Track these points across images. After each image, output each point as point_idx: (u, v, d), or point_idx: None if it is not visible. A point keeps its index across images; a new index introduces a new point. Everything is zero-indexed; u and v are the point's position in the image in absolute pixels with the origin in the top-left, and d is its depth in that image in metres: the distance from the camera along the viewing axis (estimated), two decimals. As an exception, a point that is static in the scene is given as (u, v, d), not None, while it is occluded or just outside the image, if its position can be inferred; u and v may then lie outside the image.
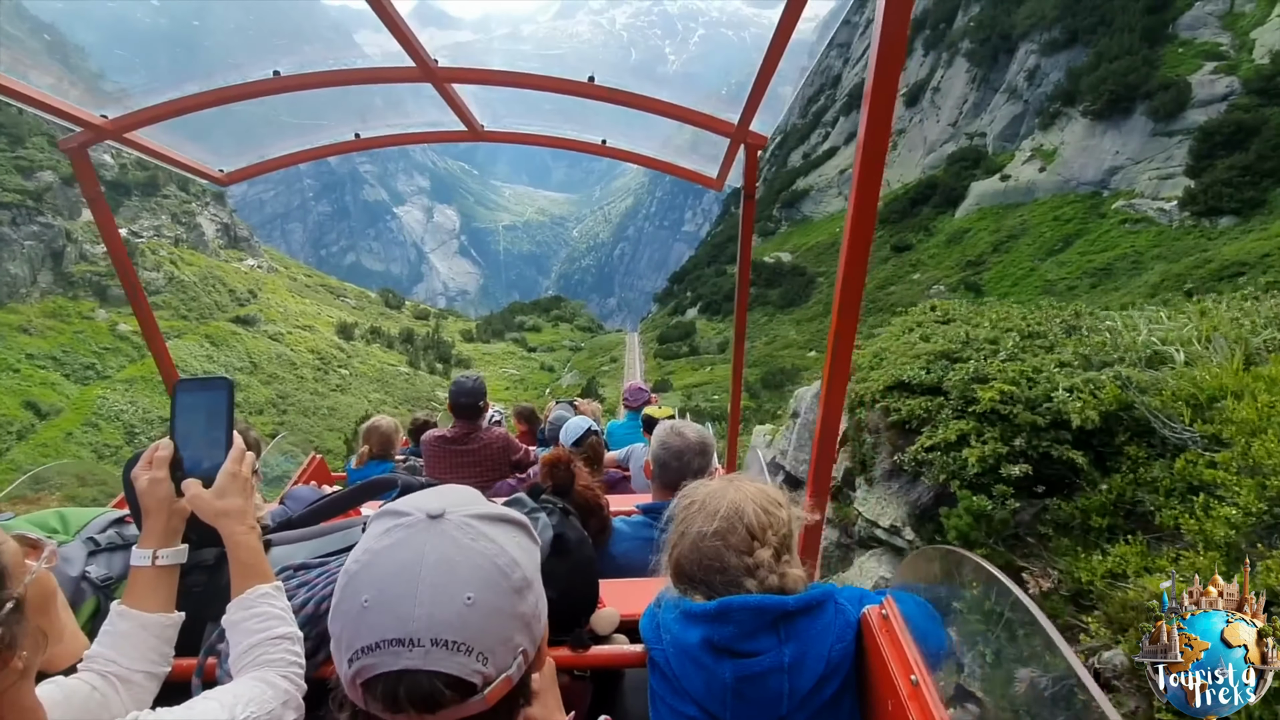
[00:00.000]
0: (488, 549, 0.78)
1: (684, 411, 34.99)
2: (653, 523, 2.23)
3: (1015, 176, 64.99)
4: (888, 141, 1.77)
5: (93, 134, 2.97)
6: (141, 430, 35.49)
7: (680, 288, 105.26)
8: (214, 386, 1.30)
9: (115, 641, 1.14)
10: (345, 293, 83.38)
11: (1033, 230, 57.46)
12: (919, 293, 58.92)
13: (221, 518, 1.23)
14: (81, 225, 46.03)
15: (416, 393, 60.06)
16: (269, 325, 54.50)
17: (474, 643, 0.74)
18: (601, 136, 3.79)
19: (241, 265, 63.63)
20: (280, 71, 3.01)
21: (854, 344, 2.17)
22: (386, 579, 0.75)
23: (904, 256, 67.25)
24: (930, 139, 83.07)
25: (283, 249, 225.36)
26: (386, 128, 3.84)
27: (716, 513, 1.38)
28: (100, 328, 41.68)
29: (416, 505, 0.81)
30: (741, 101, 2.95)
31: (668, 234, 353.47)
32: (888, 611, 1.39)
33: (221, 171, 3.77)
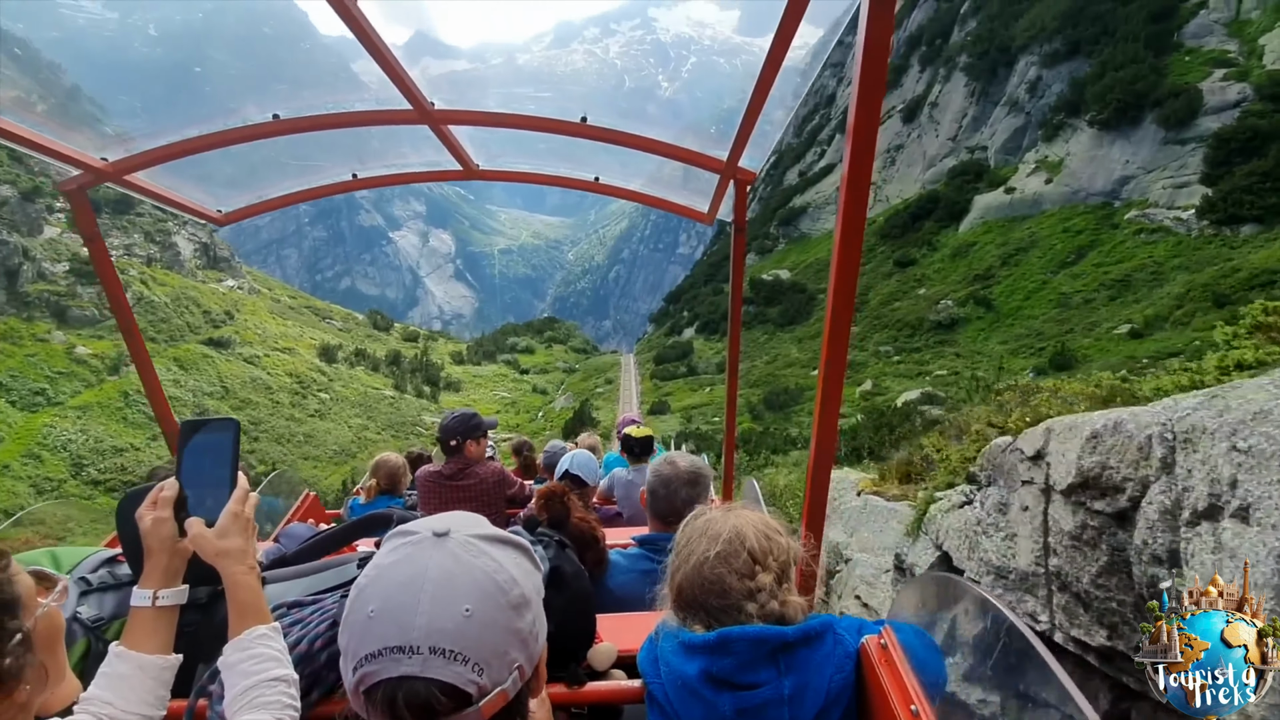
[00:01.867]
0: (487, 565, 0.82)
1: (683, 435, 32.40)
2: (650, 555, 2.23)
3: (1020, 189, 63.29)
4: (870, 174, 1.74)
5: (92, 176, 3.00)
6: (90, 461, 32.54)
7: (676, 307, 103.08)
8: (220, 428, 1.31)
9: (112, 683, 1.13)
10: (331, 314, 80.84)
11: (1042, 242, 55.48)
12: (925, 307, 56.70)
13: (222, 557, 1.22)
14: (42, 243, 43.59)
15: (401, 418, 57.23)
16: (244, 348, 51.75)
17: (470, 653, 0.77)
18: (594, 173, 3.84)
19: (220, 286, 61.09)
20: (280, 115, 3.06)
21: (845, 372, 2.06)
22: (391, 591, 0.79)
23: (908, 271, 65.18)
24: (930, 154, 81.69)
25: (278, 274, 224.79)
26: (384, 167, 3.87)
27: (718, 536, 1.38)
28: (55, 350, 38.88)
29: (424, 525, 0.86)
30: (730, 138, 3.01)
31: (662, 257, 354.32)
32: (886, 641, 1.39)
33: (219, 212, 3.76)
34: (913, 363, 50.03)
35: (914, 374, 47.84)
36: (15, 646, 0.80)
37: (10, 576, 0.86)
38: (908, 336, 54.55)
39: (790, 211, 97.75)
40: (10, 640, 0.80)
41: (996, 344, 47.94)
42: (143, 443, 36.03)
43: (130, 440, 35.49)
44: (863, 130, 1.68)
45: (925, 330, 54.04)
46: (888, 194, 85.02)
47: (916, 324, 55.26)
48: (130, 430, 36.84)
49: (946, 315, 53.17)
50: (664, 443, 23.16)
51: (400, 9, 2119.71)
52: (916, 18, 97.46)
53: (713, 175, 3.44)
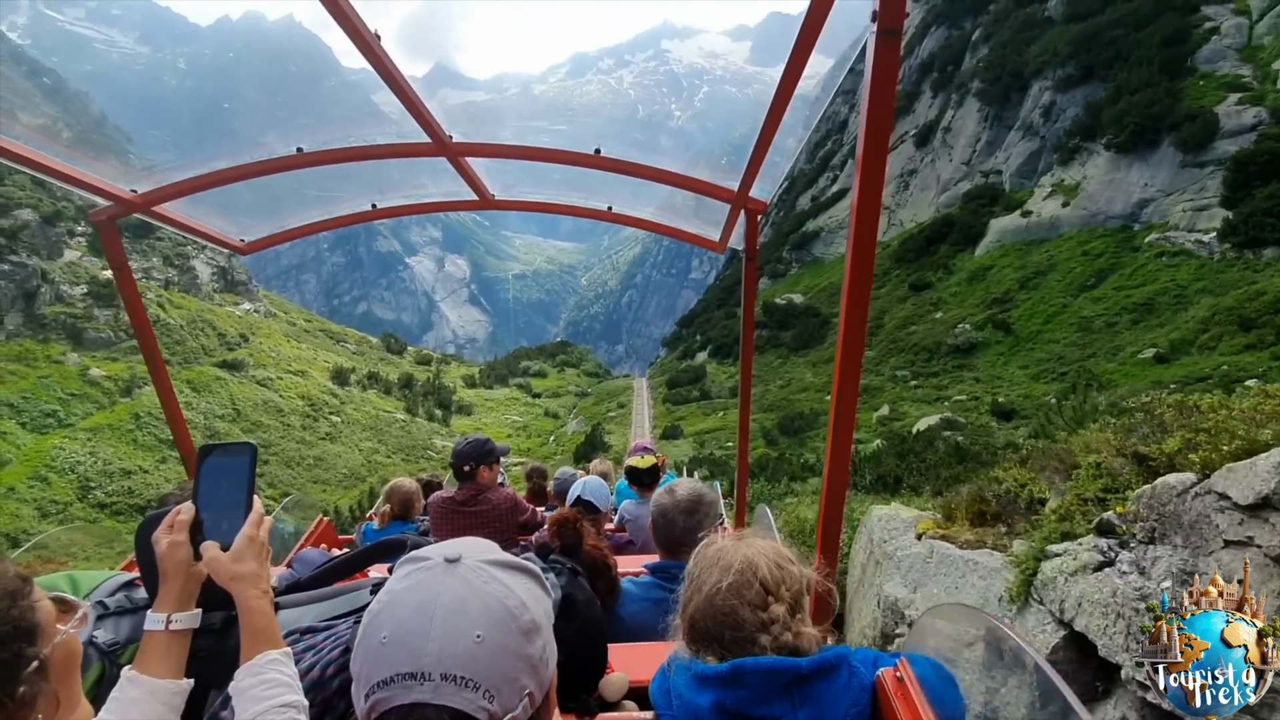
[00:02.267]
0: (499, 591, 0.82)
1: (697, 460, 31.64)
2: (662, 583, 2.22)
3: (1037, 212, 62.76)
4: (880, 200, 1.78)
5: (122, 208, 3.10)
6: (98, 484, 32.32)
7: (689, 331, 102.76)
8: (237, 451, 1.32)
9: (123, 709, 1.13)
10: (345, 338, 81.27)
11: (1061, 266, 54.73)
12: (942, 331, 55.91)
13: (236, 581, 1.22)
14: (61, 266, 44.15)
15: (412, 441, 56.93)
16: (257, 370, 51.86)
17: (481, 679, 0.77)
18: (607, 203, 3.90)
19: (236, 309, 61.64)
20: (304, 148, 3.14)
21: (857, 402, 2.05)
22: (403, 617, 0.80)
23: (923, 295, 64.52)
24: (943, 178, 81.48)
25: (297, 299, 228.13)
26: (402, 198, 3.94)
27: (730, 567, 1.37)
28: (69, 372, 39.04)
29: (436, 551, 0.87)
30: (741, 168, 3.05)
31: (675, 282, 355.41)
32: (902, 674, 1.37)
33: (242, 241, 3.86)
34: (930, 387, 49.11)
35: (932, 399, 46.92)
36: (31, 674, 0.80)
37: (32, 603, 0.86)
38: (925, 360, 53.68)
39: (803, 236, 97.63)
40: (26, 668, 0.80)
41: (1016, 368, 46.99)
42: (151, 465, 35.90)
43: (139, 463, 35.36)
44: (872, 158, 1.69)
45: (943, 354, 53.18)
46: (901, 218, 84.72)
47: (933, 348, 54.42)
48: (140, 452, 36.75)
49: (964, 339, 52.34)
50: (677, 468, 22.44)
51: (421, 43, 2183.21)
52: (928, 45, 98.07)
53: (724, 204, 3.49)
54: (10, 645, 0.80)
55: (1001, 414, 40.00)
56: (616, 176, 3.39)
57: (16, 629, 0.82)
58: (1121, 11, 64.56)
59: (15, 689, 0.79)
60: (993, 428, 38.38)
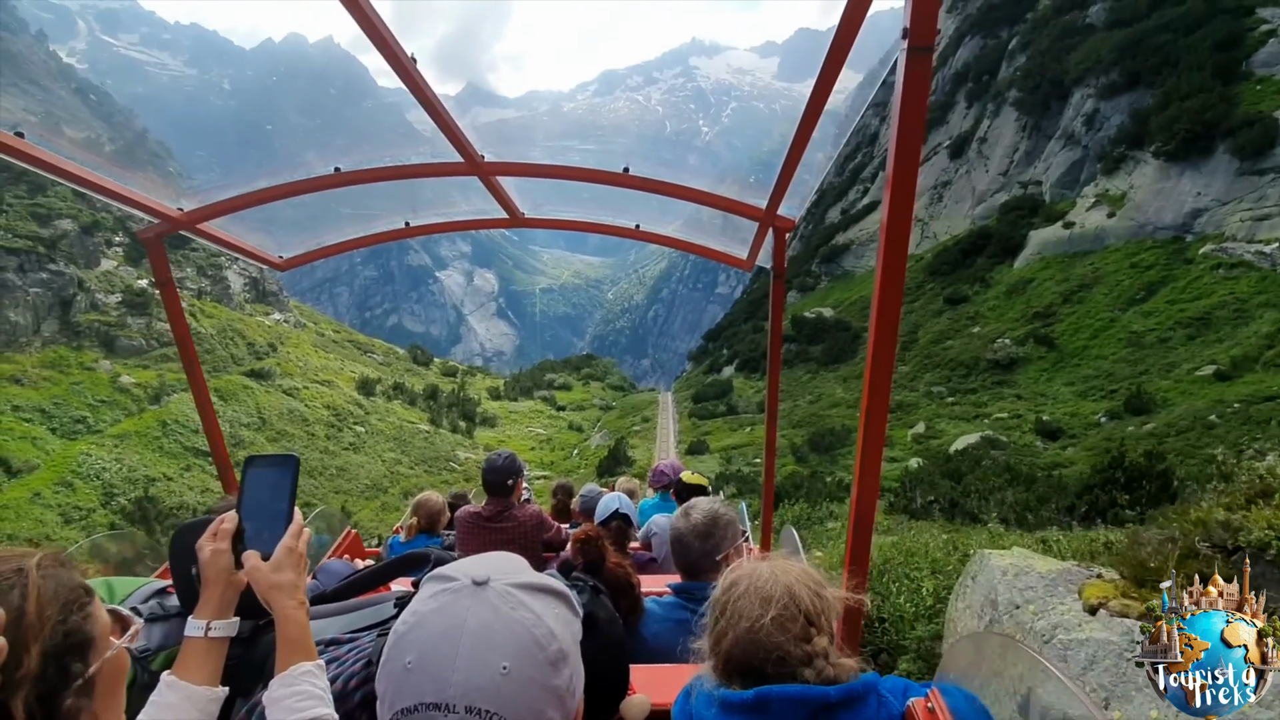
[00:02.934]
0: (526, 619, 0.80)
1: (724, 477, 30.61)
2: (685, 604, 2.20)
3: (1081, 223, 60.37)
4: (911, 213, 1.79)
5: (169, 225, 3.22)
6: (122, 491, 32.20)
7: (716, 345, 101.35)
8: (281, 463, 1.35)
9: (161, 712, 1.15)
10: (373, 349, 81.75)
11: (1107, 279, 52.32)
12: (981, 346, 53.78)
13: (274, 591, 1.24)
14: (97, 275, 44.89)
15: (435, 452, 56.50)
16: (284, 379, 52.01)
17: (506, 713, 0.75)
18: (635, 221, 3.95)
19: (266, 319, 62.28)
20: (341, 168, 3.27)
21: (887, 420, 2.06)
22: (429, 643, 0.78)
23: (960, 309, 62.35)
24: (979, 189, 79.27)
25: (330, 311, 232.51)
26: (435, 216, 4.11)
27: (771, 598, 1.31)
28: (101, 379, 39.39)
29: (464, 571, 0.84)
30: (770, 185, 3.07)
31: (701, 296, 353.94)
32: (934, 704, 1.34)
33: (280, 257, 3.97)
34: (969, 404, 47.03)
35: (970, 416, 44.87)
36: (78, 687, 0.80)
37: (88, 615, 0.85)
38: (962, 377, 51.57)
39: (832, 249, 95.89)
40: (74, 682, 0.79)
41: (1061, 385, 44.74)
42: (175, 473, 35.84)
43: (163, 470, 35.31)
44: (903, 175, 1.69)
45: (981, 370, 51.04)
46: (935, 230, 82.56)
47: (971, 363, 52.30)
48: (165, 460, 36.75)
49: (1004, 354, 50.15)
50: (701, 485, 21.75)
51: (454, 63, 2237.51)
52: (962, 55, 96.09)
53: (752, 222, 3.47)
54: (63, 658, 0.79)
55: (1047, 433, 37.90)
56: (644, 194, 3.42)
57: (69, 641, 0.81)
58: (1169, 16, 62.23)
59: (60, 704, 0.78)
60: (1038, 448, 36.34)
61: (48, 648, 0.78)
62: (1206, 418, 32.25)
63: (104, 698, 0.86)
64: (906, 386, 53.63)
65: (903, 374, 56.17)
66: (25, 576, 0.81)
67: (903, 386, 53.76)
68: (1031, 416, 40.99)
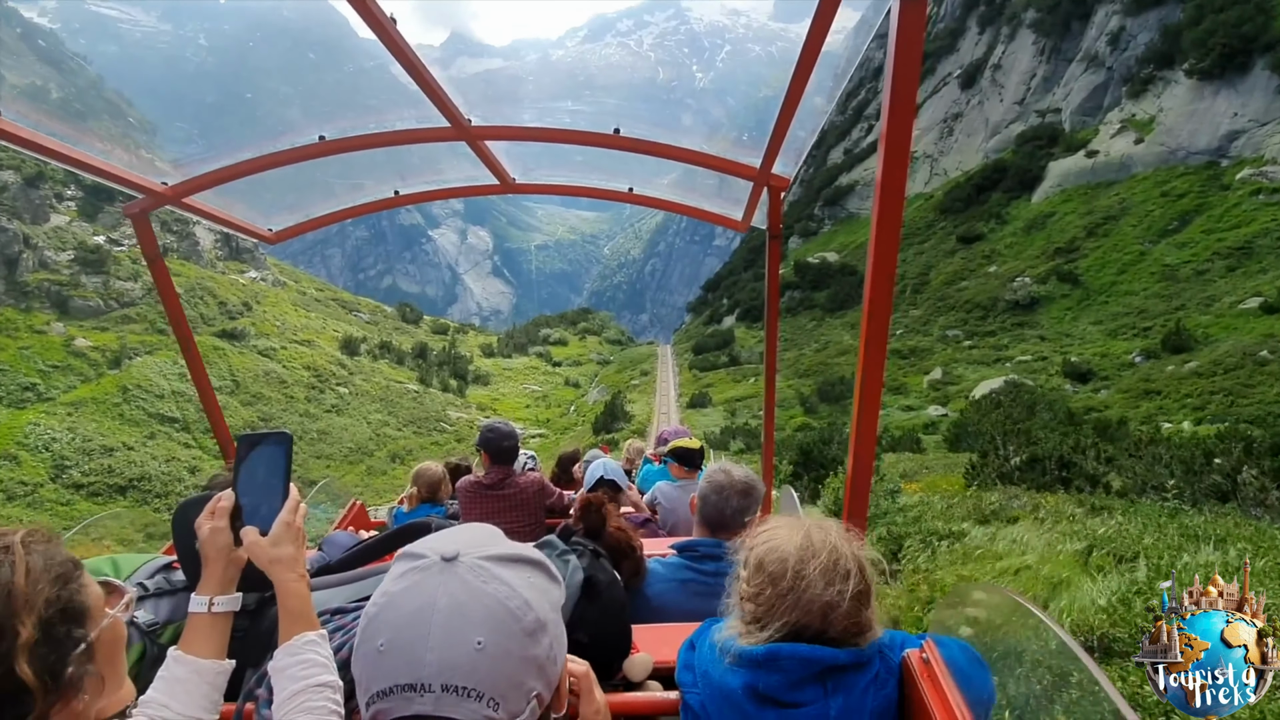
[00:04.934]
0: (499, 591, 0.78)
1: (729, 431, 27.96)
2: (690, 563, 2.20)
3: (1105, 151, 56.45)
4: (909, 151, 1.74)
5: (154, 200, 3.17)
6: (74, 463, 29.55)
7: (715, 295, 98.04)
8: (275, 440, 1.37)
9: (169, 687, 1.19)
10: (359, 307, 78.46)
11: (1136, 209, 48.82)
12: (998, 286, 50.61)
13: (274, 565, 1.26)
14: (46, 231, 41.33)
15: (425, 412, 53.95)
16: (259, 340, 49.00)
17: (484, 688, 0.74)
18: (628, 184, 3.90)
19: (241, 278, 58.86)
20: (325, 136, 3.20)
21: (883, 377, 2.04)
22: (400, 624, 0.77)
23: (974, 248, 58.92)
24: (993, 120, 74.74)
25: (323, 274, 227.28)
26: (424, 184, 3.99)
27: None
28: (53, 342, 36.33)
29: (432, 547, 0.82)
30: (763, 143, 3.04)
31: (699, 249, 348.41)
32: (928, 655, 1.35)
33: (270, 230, 3.93)
34: (988, 347, 44.17)
35: (990, 360, 42.07)
36: (78, 655, 0.83)
37: (80, 586, 0.88)
38: (979, 319, 48.57)
39: (836, 191, 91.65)
40: (74, 649, 0.83)
41: (1088, 324, 41.79)
42: (138, 441, 33.14)
43: (124, 439, 32.59)
44: (900, 109, 1.64)
45: (1000, 311, 48.01)
46: (945, 166, 78.31)
47: (989, 305, 49.23)
48: (126, 428, 34.01)
49: (1025, 294, 47.02)
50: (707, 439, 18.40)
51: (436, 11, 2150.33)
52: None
53: (746, 182, 3.44)
54: (59, 627, 0.83)
55: (1076, 375, 35.13)
56: (638, 156, 3.34)
57: (66, 611, 0.84)
58: (1204, -81, 57.06)
59: (63, 670, 0.81)
60: (1067, 391, 33.61)
61: (44, 618, 0.80)
62: (1257, 354, 29.40)
63: (105, 664, 0.89)
64: (920, 331, 50.69)
65: (915, 318, 53.14)
66: (12, 553, 0.83)
67: (916, 331, 50.80)
68: (1058, 358, 38.19)
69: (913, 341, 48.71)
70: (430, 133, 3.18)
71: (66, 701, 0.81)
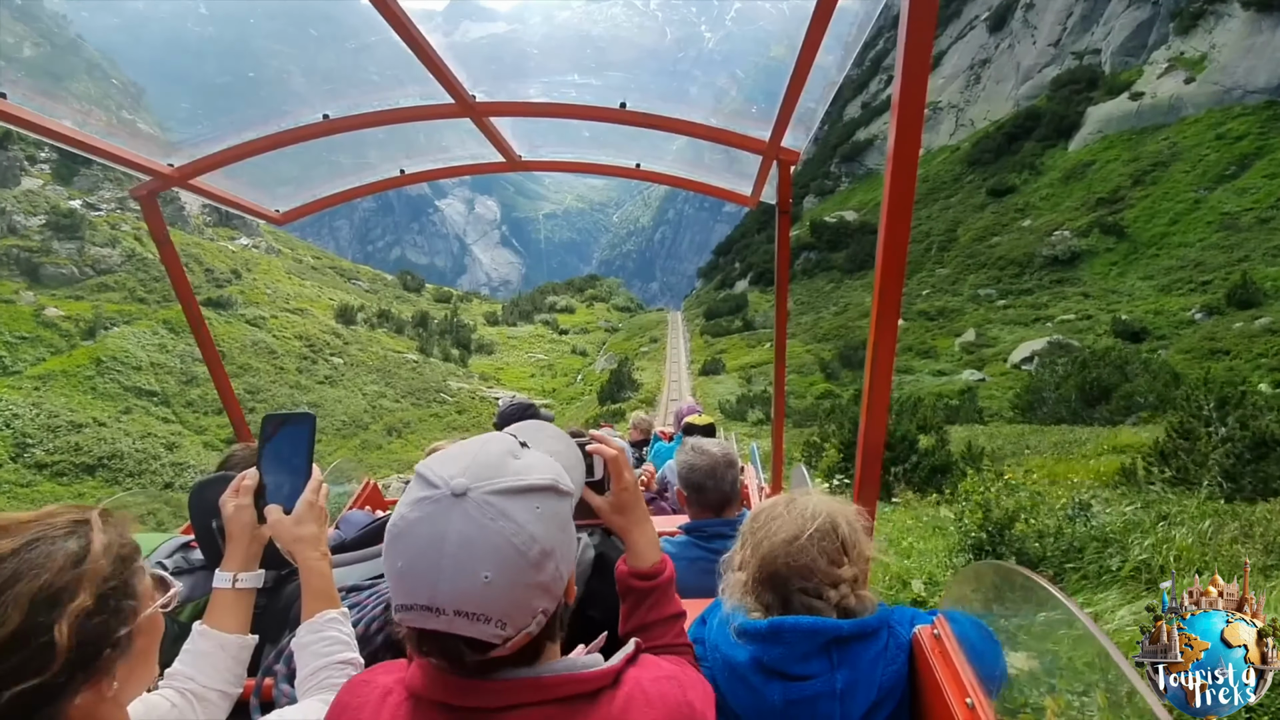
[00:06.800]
0: (505, 528, 0.84)
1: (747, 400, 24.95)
2: (698, 542, 2.26)
3: (1151, 93, 52.02)
4: (921, 117, 1.67)
5: (161, 182, 3.18)
6: (38, 441, 27.42)
7: (727, 259, 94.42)
8: (298, 421, 1.40)
9: (195, 660, 1.24)
10: (358, 275, 75.84)
11: (1188, 154, 44.76)
12: (1034, 241, 46.95)
13: (298, 543, 1.30)
14: (16, 195, 38.82)
15: (424, 383, 51.59)
16: (248, 309, 46.55)
17: (492, 613, 0.82)
18: (636, 159, 3.88)
19: (231, 244, 56.28)
20: (330, 115, 3.18)
21: (894, 352, 1.95)
22: (415, 552, 0.84)
23: (1006, 201, 55.01)
24: (1025, 65, 69.79)
25: (331, 247, 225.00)
26: (430, 162, 4.00)
27: (814, 515, 1.37)
28: (22, 312, 34.01)
29: (443, 476, 0.87)
30: (772, 116, 2.94)
31: (708, 216, 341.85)
32: (940, 631, 1.36)
33: (277, 211, 3.95)
34: (1024, 306, 40.86)
35: (1028, 320, 38.82)
36: (119, 638, 0.85)
37: (137, 570, 0.91)
38: (1014, 276, 45.09)
39: (854, 147, 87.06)
40: (117, 632, 0.85)
41: (1137, 279, 38.33)
42: (110, 417, 30.95)
43: (94, 414, 30.38)
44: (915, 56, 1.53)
45: (1037, 268, 44.50)
46: (972, 116, 73.61)
47: (1024, 261, 45.69)
48: (98, 402, 31.80)
49: (1064, 248, 43.42)
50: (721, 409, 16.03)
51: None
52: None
53: (755, 156, 3.33)
54: (110, 604, 0.84)
55: (1128, 335, 31.90)
56: (645, 131, 3.31)
57: (120, 591, 0.87)
58: None
59: (101, 650, 0.82)
60: (1120, 350, 30.49)
61: (99, 593, 0.82)
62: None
63: (139, 653, 0.90)
64: (948, 290, 47.34)
65: (942, 277, 49.72)
66: (90, 525, 0.87)
67: (944, 291, 47.44)
68: (1105, 316, 34.93)
69: (941, 302, 45.43)
70: (434, 110, 3.15)
71: (95, 683, 0.81)
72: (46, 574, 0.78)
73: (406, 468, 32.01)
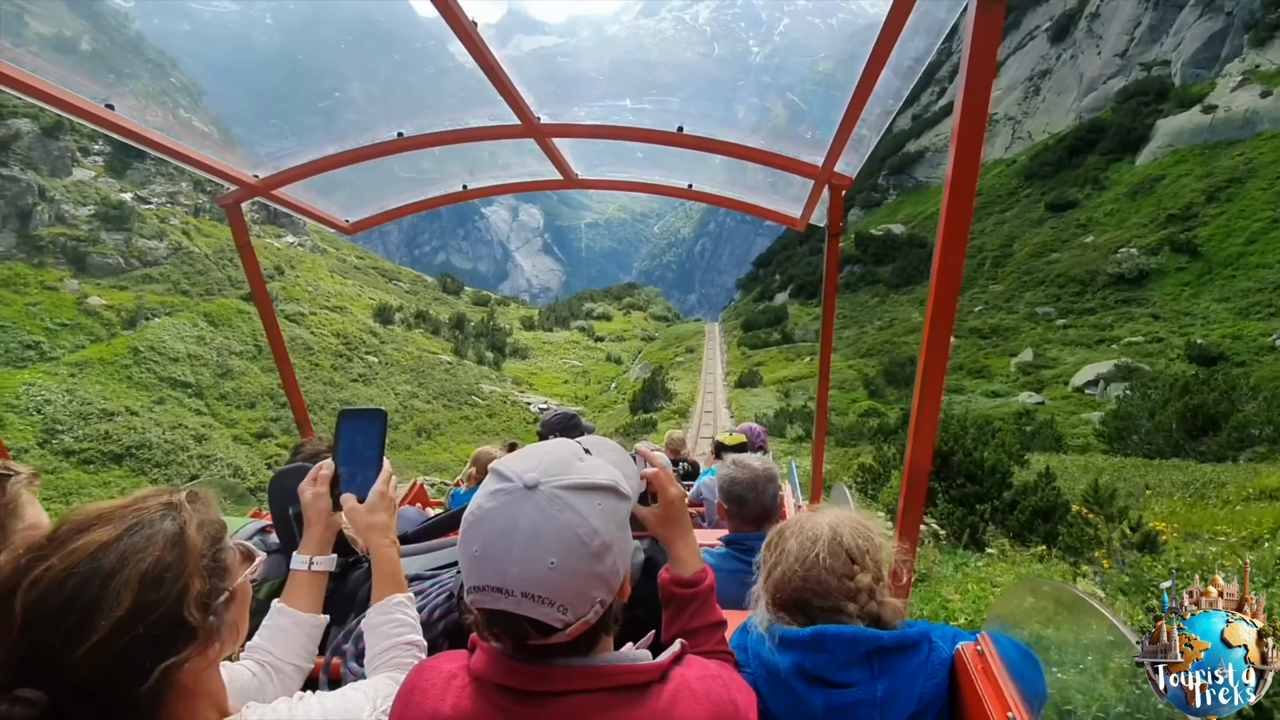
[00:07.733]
0: (571, 520, 0.92)
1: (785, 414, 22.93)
2: (738, 554, 2.27)
3: (1225, 106, 48.96)
4: (981, 139, 1.65)
5: (246, 191, 3.37)
6: (67, 427, 27.69)
7: (768, 271, 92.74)
8: (370, 416, 1.47)
9: (273, 635, 1.33)
10: (399, 276, 76.77)
11: (1265, 170, 41.82)
12: (1098, 258, 44.35)
13: (370, 531, 1.39)
14: (66, 185, 40.01)
15: (457, 385, 51.46)
16: (289, 305, 47.14)
17: (556, 597, 0.90)
18: (688, 180, 3.96)
19: (276, 241, 57.41)
20: (404, 133, 3.33)
21: (944, 378, 1.96)
22: (490, 538, 0.92)
23: (1066, 216, 52.36)
24: (1088, 76, 66.84)
25: (380, 250, 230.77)
26: (491, 178, 4.12)
27: (816, 538, 1.40)
28: (65, 300, 34.78)
29: (517, 472, 0.96)
30: (827, 142, 2.99)
31: (750, 229, 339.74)
32: (984, 648, 1.38)
33: (348, 221, 4.14)
34: (1087, 327, 38.45)
35: (1091, 341, 36.47)
36: (220, 605, 0.94)
37: (225, 545, 1.00)
38: (1074, 295, 42.60)
39: (903, 159, 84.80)
40: (219, 598, 0.94)
41: (1212, 301, 35.66)
42: (144, 406, 31.28)
43: (127, 403, 30.73)
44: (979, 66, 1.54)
45: (1100, 286, 41.94)
46: (1030, 129, 70.79)
47: (1086, 279, 43.15)
48: (133, 391, 32.20)
49: (1131, 267, 40.81)
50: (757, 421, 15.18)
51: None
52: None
53: (806, 180, 3.42)
54: (211, 579, 0.93)
55: (1204, 360, 29.48)
56: (697, 153, 3.36)
57: (217, 565, 0.96)
58: None
59: (208, 617, 0.91)
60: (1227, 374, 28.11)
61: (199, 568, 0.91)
62: None
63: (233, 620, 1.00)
64: (1002, 308, 45.05)
65: (996, 294, 47.40)
66: (181, 510, 0.94)
67: (998, 308, 45.16)
68: (1179, 341, 32.47)
69: (995, 319, 43.21)
70: (502, 130, 3.24)
71: (204, 648, 0.90)
72: (151, 556, 0.86)
73: (434, 470, 31.53)
